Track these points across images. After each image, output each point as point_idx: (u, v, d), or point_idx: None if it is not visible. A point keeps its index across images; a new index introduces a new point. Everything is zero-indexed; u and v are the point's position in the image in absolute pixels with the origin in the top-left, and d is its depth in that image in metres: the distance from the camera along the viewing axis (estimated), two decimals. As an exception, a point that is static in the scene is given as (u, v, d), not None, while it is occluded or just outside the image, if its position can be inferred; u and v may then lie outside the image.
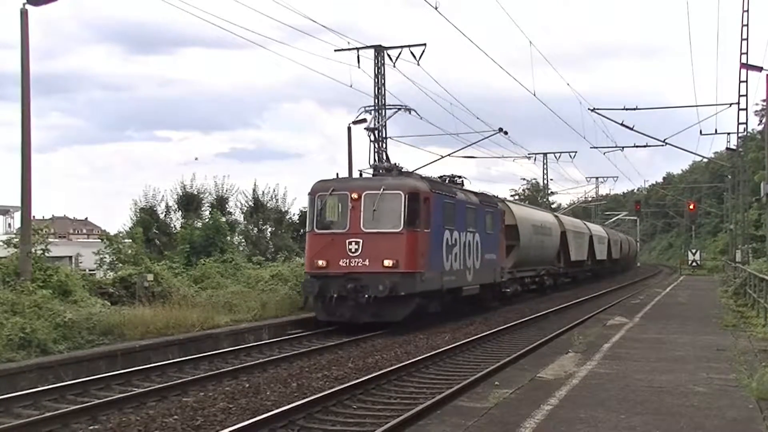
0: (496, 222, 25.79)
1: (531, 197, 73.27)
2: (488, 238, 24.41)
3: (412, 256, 18.40)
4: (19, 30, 15.52)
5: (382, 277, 17.78)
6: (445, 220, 20.40)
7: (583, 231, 45.24)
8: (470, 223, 22.62)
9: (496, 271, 25.37)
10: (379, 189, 18.53)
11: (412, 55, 30.40)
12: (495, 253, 25.19)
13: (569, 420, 7.87)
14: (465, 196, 22.92)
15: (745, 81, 33.87)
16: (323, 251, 18.50)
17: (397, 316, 18.35)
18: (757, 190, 35.44)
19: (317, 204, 19.24)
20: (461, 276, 21.68)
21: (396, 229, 18.31)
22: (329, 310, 18.34)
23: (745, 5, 33.52)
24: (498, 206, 26.63)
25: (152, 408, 9.96)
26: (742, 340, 14.93)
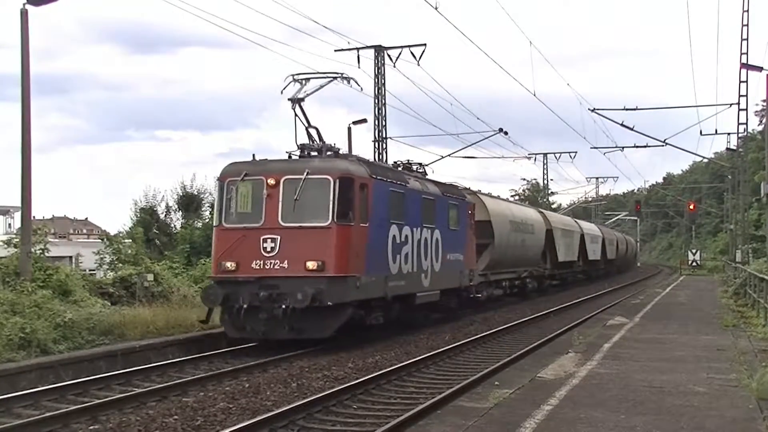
0: (463, 217, 22.26)
1: (531, 197, 73.23)
2: (452, 235, 21.01)
3: (343, 257, 14.95)
4: (19, 30, 15.53)
5: (304, 283, 14.44)
6: (391, 213, 16.89)
7: (573, 229, 42.03)
8: (427, 217, 19.15)
9: (462, 273, 21.94)
10: (302, 173, 15.02)
11: (412, 55, 30.48)
12: (461, 253, 21.74)
13: (569, 420, 7.87)
14: (421, 185, 19.37)
15: (745, 81, 33.94)
16: (232, 251, 15.08)
17: (323, 331, 14.91)
18: (757, 191, 35.43)
19: (226, 192, 15.73)
20: (414, 280, 18.12)
21: (323, 222, 14.86)
22: (237, 325, 14.90)
23: (745, 5, 33.59)
24: (466, 198, 22.98)
25: (152, 408, 9.96)
26: (742, 340, 14.94)
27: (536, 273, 32.98)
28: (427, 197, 19.37)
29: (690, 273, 56.34)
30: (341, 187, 15.02)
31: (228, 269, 15.11)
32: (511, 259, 28.78)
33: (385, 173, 17.24)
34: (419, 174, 20.68)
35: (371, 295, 16.04)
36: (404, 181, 18.04)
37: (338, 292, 14.76)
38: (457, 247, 21.35)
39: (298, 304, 14.26)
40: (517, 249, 29.33)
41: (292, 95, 16.34)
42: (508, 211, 29.53)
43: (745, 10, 33.64)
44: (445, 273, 20.21)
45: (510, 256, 28.42)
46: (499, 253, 27.01)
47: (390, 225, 16.86)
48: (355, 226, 15.32)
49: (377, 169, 17.10)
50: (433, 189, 20.08)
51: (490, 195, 29.68)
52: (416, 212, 18.42)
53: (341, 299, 14.87)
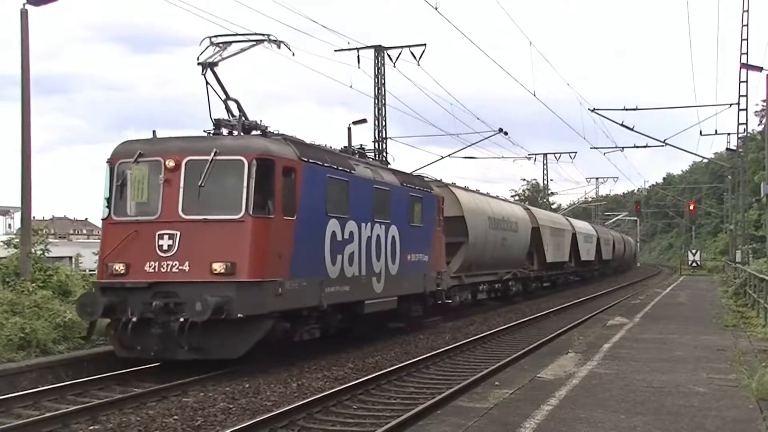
0: (429, 212, 19.51)
1: (531, 198, 73.21)
2: (414, 232, 18.34)
3: (259, 257, 12.23)
4: (19, 30, 15.53)
5: (207, 290, 11.69)
6: (330, 205, 14.28)
7: (564, 227, 39.28)
8: (381, 211, 16.48)
9: (428, 276, 19.21)
10: (208, 153, 12.31)
11: (412, 55, 30.47)
12: (426, 254, 19.04)
13: (569, 420, 7.87)
14: (373, 173, 16.53)
15: (745, 81, 33.94)
16: (122, 250, 12.35)
17: (232, 350, 12.15)
18: (757, 191, 35.44)
19: (117, 177, 12.89)
20: (362, 285, 15.47)
21: (234, 214, 12.17)
22: (125, 342, 12.16)
23: (745, 5, 33.60)
24: (432, 191, 20.06)
25: (152, 408, 9.96)
26: (742, 340, 14.94)
27: (521, 275, 30.53)
28: (380, 188, 16.59)
29: (690, 273, 56.34)
30: (259, 171, 12.34)
31: (116, 272, 12.29)
32: (490, 260, 26.21)
33: (321, 156, 14.29)
34: (374, 161, 18.15)
35: (300, 304, 13.30)
36: (348, 168, 15.22)
37: (252, 301, 11.98)
38: (420, 246, 18.70)
39: (197, 317, 11.48)
40: (497, 249, 26.71)
41: (204, 59, 13.65)
42: (486, 206, 26.69)
43: (745, 10, 33.67)
44: (405, 276, 17.58)
45: (488, 256, 25.93)
46: (475, 253, 24.59)
47: (328, 219, 14.17)
48: (276, 220, 12.59)
49: (310, 151, 14.05)
50: (389, 178, 17.35)
51: (467, 189, 26.96)
52: (366, 205, 15.74)
53: (256, 310, 12.10)
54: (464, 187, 26.62)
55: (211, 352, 11.97)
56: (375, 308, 16.17)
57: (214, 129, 13.51)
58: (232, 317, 11.70)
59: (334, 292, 14.34)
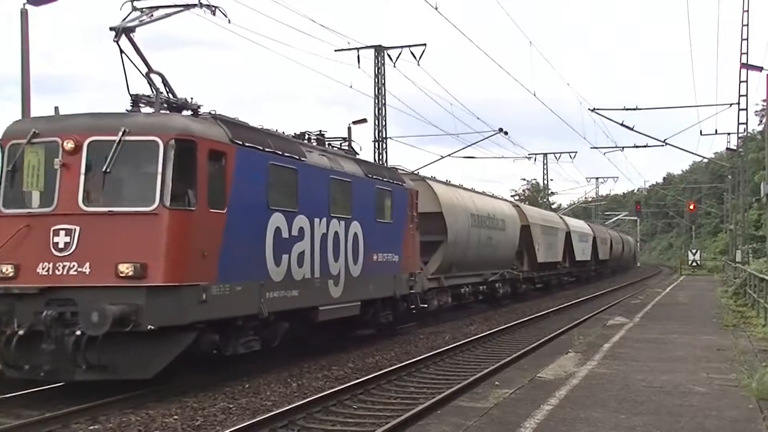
0: (400, 207, 17.62)
1: (531, 197, 73.26)
2: (382, 229, 16.52)
3: (177, 257, 10.31)
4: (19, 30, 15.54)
5: (108, 297, 9.84)
6: (273, 197, 12.36)
7: (556, 226, 37.34)
8: (340, 204, 14.72)
9: (399, 278, 17.35)
10: (116, 132, 10.32)
11: (412, 55, 30.50)
12: (396, 253, 17.20)
13: (569, 420, 7.88)
14: (330, 161, 14.63)
15: (745, 81, 33.99)
16: (11, 249, 10.38)
17: (145, 369, 10.26)
18: (757, 191, 35.51)
19: (7, 161, 10.95)
20: (315, 289, 13.57)
21: (146, 206, 10.23)
22: (9, 359, 10.19)
23: (745, 5, 33.66)
24: (404, 184, 18.10)
25: (152, 408, 9.95)
26: (742, 340, 14.95)
27: (509, 276, 28.64)
28: (339, 178, 14.66)
29: (690, 273, 56.36)
30: (178, 155, 10.44)
31: (3, 276, 10.35)
32: (474, 260, 24.36)
33: (261, 140, 12.23)
34: (336, 150, 15.96)
35: (232, 312, 11.35)
36: (298, 154, 13.22)
37: (166, 309, 10.09)
38: (389, 245, 16.84)
39: (93, 330, 9.66)
40: (481, 248, 24.84)
41: (118, 24, 11.62)
42: (468, 202, 24.60)
43: (745, 10, 33.72)
44: (370, 278, 15.77)
45: (471, 256, 24.08)
46: (456, 253, 22.75)
47: (271, 213, 12.25)
48: (199, 213, 10.65)
49: (246, 133, 11.98)
50: (351, 168, 15.40)
51: (448, 183, 24.91)
52: (320, 198, 13.89)
53: (172, 320, 10.17)
54: (445, 182, 24.77)
55: (116, 371, 10.08)
56: (332, 315, 14.23)
57: (132, 107, 11.33)
58: (140, 329, 9.85)
59: (278, 297, 12.31)
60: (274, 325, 12.61)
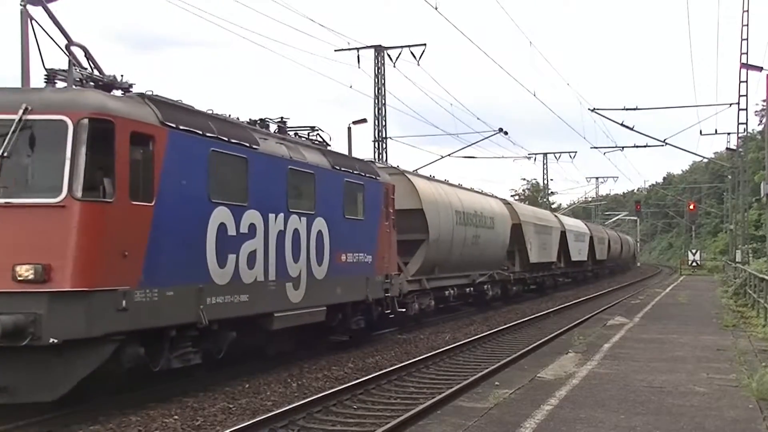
0: (374, 202, 16.14)
1: (531, 197, 73.28)
2: (352, 227, 15.07)
3: (89, 257, 8.88)
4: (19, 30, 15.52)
5: None
6: (216, 189, 10.78)
7: (550, 224, 35.74)
8: (301, 198, 13.37)
9: (372, 281, 15.86)
10: (15, 111, 8.94)
11: (412, 55, 30.57)
12: (369, 253, 15.78)
13: (569, 420, 7.88)
14: (289, 150, 13.07)
15: (745, 81, 34.04)
16: None
17: (50, 390, 8.86)
18: (757, 191, 35.51)
19: None
20: (269, 294, 12.04)
21: (51, 197, 8.83)
22: None
23: (745, 5, 33.70)
24: (379, 178, 16.59)
25: (152, 408, 9.95)
26: (742, 340, 14.95)
27: (499, 277, 27.18)
28: (300, 170, 13.19)
29: (690, 273, 56.37)
30: (92, 137, 9.01)
31: None
32: (459, 261, 22.92)
33: (200, 123, 10.66)
34: (298, 138, 14.38)
35: (162, 322, 9.81)
36: (249, 141, 11.74)
37: (73, 318, 8.64)
38: (360, 244, 15.42)
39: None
40: (467, 247, 23.27)
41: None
42: (453, 198, 22.93)
43: (745, 10, 33.76)
44: (337, 281, 14.30)
45: (456, 256, 22.61)
46: (439, 253, 21.30)
47: (213, 207, 10.71)
48: (118, 206, 9.18)
49: (182, 116, 10.44)
50: (315, 159, 13.90)
51: (432, 178, 23.44)
52: (276, 190, 12.43)
53: (81, 332, 8.69)
54: (430, 177, 23.37)
55: (15, 393, 8.72)
56: (290, 322, 12.74)
57: (46, 83, 9.80)
58: (40, 343, 8.44)
59: (222, 303, 10.79)
60: (218, 335, 11.07)
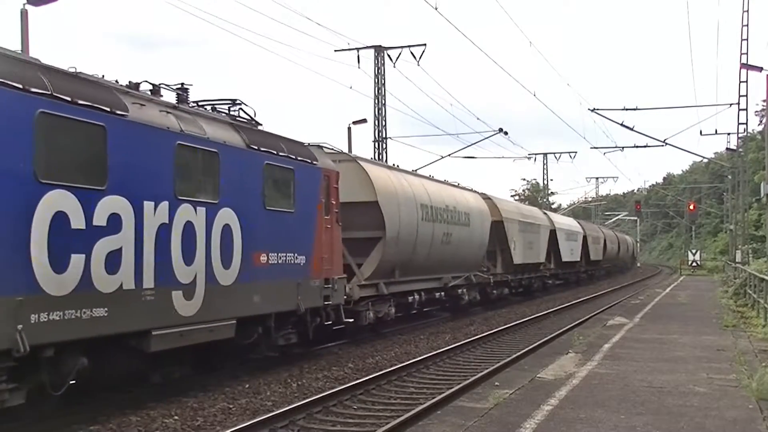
0: (310, 192, 13.66)
1: (531, 197, 73.28)
2: (278, 221, 12.56)
3: None
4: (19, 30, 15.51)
5: None
6: (50, 166, 8.38)
7: (538, 222, 33.17)
8: (198, 183, 10.82)
9: (306, 286, 13.26)
10: None
11: (412, 55, 30.57)
12: (303, 253, 13.24)
13: (569, 420, 7.87)
14: (176, 120, 10.41)
15: (745, 81, 34.00)
16: None
17: None
18: (757, 191, 35.49)
19: None
20: (144, 306, 9.51)
21: None
22: None
23: (745, 5, 33.66)
24: (316, 163, 14.05)
25: (152, 408, 9.95)
26: (742, 341, 14.94)
27: (477, 280, 24.46)
28: (193, 146, 10.57)
29: (690, 273, 56.38)
30: None
31: None
32: (426, 262, 20.17)
33: (21, 76, 8.15)
34: (199, 110, 11.79)
35: None
36: (109, 106, 9.20)
37: None
38: (291, 241, 12.93)
39: None
40: (436, 246, 20.54)
41: None
42: (419, 190, 20.11)
43: (745, 10, 33.73)
44: (254, 288, 11.80)
45: (422, 256, 19.82)
46: (400, 253, 18.37)
47: (44, 191, 8.22)
48: None
49: None
50: (221, 134, 11.32)
51: (396, 167, 20.95)
52: (156, 171, 9.92)
53: None
54: (393, 166, 20.94)
55: None
56: (177, 342, 10.17)
57: None
58: None
59: (59, 320, 8.27)
60: (55, 364, 8.55)
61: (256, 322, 12.14)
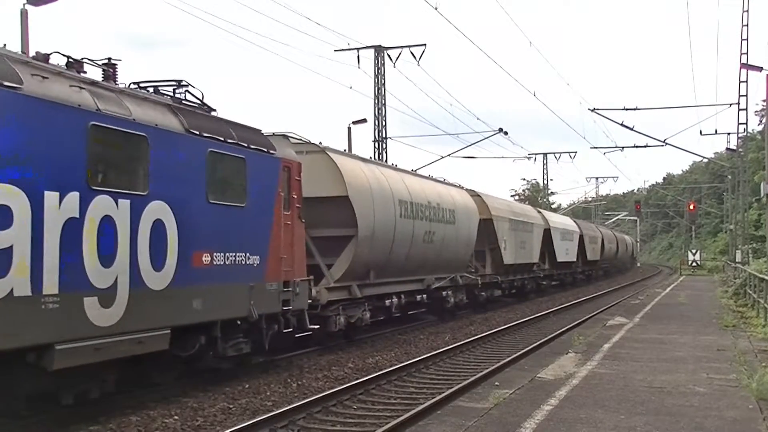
0: (266, 184, 12.27)
1: (531, 197, 73.29)
2: (225, 217, 11.16)
3: None
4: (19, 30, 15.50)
5: None
6: None
7: (531, 221, 31.77)
8: (123, 173, 9.63)
9: (261, 290, 11.89)
10: None
11: (412, 55, 30.60)
12: (257, 252, 11.84)
13: (569, 420, 7.87)
14: (91, 96, 9.06)
15: (745, 81, 34.04)
16: None
17: None
18: (757, 191, 35.48)
19: None
20: (47, 315, 8.16)
21: None
22: None
23: (745, 5, 33.69)
24: (274, 152, 12.59)
25: (152, 408, 9.96)
26: (742, 341, 14.94)
27: (464, 281, 23.09)
28: (113, 128, 9.22)
29: (690, 273, 56.36)
30: None
31: None
32: (406, 262, 18.71)
33: None
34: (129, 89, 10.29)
35: None
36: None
37: None
38: (242, 240, 11.51)
39: None
40: (417, 246, 19.12)
41: None
42: (398, 185, 18.57)
43: (745, 10, 33.76)
44: (195, 292, 10.40)
45: (401, 256, 18.34)
46: (375, 252, 16.88)
47: None
48: None
49: None
50: (152, 116, 9.91)
51: (371, 160, 19.54)
52: (61, 156, 8.53)
53: None
54: (371, 159, 19.35)
55: None
56: (89, 357, 8.78)
57: None
58: None
59: None
60: None
61: (197, 330, 10.76)
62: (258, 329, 12.15)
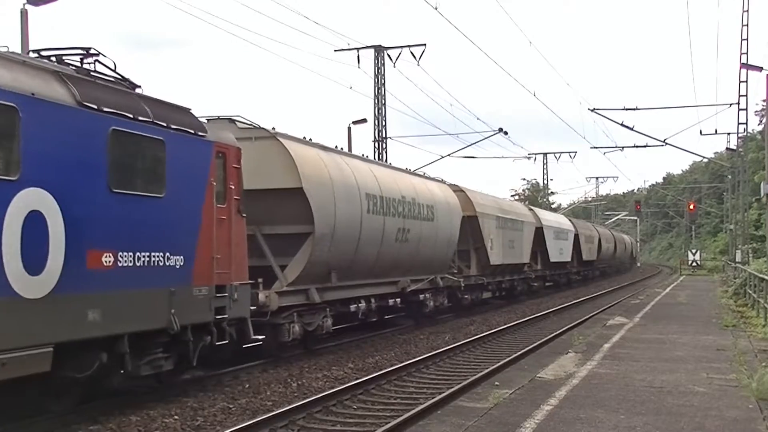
0: (195, 172, 10.52)
1: (531, 197, 73.29)
2: (137, 210, 9.41)
3: None
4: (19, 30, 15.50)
5: None
6: None
7: (521, 219, 30.06)
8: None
9: (185, 296, 10.08)
10: None
11: (412, 55, 30.58)
12: (179, 252, 10.02)
13: (569, 420, 7.88)
14: None
15: (745, 81, 34.05)
16: None
17: None
18: (757, 190, 35.48)
19: None
20: None
21: None
22: None
23: (745, 5, 33.70)
24: (204, 135, 10.77)
25: (152, 408, 9.95)
26: (742, 340, 14.95)
27: (446, 283, 21.33)
28: None
29: (690, 273, 56.35)
30: None
31: None
32: (375, 263, 16.92)
33: None
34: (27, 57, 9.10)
35: None
36: None
37: None
38: (160, 236, 9.72)
39: None
40: (390, 245, 17.34)
41: None
42: (366, 177, 16.76)
43: (745, 10, 33.78)
44: (91, 300, 8.59)
45: (369, 256, 16.56)
46: (336, 252, 15.05)
47: None
48: None
49: None
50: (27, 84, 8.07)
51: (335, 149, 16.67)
52: None
53: None
54: (334, 148, 16.66)
55: None
56: None
57: None
58: None
59: None
60: None
61: (97, 347, 8.88)
62: (182, 342, 10.23)
